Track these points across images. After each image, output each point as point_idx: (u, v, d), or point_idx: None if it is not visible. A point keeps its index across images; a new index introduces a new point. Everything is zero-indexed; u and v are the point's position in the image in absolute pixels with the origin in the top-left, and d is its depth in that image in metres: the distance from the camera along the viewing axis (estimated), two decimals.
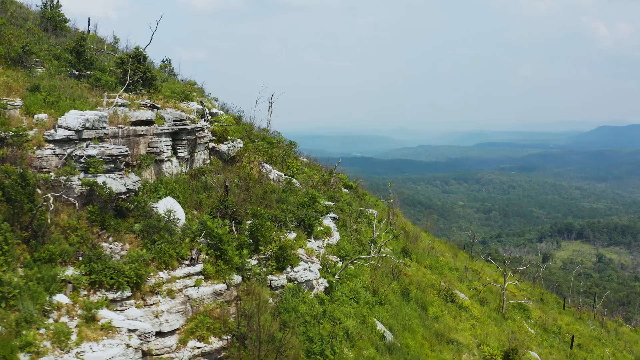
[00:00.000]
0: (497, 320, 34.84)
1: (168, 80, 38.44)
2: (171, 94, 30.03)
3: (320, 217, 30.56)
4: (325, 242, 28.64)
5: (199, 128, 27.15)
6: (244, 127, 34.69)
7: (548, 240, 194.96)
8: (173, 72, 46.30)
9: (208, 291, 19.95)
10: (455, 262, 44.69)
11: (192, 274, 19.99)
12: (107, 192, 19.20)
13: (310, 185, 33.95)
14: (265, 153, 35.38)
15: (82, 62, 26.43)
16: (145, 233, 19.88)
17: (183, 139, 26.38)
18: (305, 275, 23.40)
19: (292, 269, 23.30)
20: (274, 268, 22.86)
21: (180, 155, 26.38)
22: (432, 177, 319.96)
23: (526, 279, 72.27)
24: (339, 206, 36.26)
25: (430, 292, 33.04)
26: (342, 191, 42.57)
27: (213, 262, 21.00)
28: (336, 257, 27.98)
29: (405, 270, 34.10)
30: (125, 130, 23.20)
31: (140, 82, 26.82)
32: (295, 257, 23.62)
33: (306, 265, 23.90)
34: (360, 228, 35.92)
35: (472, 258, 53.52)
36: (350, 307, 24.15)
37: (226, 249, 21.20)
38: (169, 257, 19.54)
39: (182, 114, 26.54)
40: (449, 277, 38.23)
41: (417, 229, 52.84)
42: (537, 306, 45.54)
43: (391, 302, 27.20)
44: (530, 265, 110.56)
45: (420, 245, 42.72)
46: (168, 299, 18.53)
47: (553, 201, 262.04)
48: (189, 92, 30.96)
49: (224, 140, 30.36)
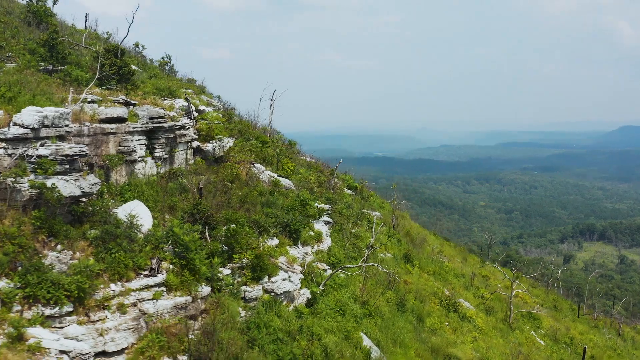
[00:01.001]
0: (503, 331, 32.18)
1: (159, 76, 36.50)
2: (155, 91, 28.05)
3: (312, 221, 28.29)
4: (314, 248, 26.34)
5: (178, 126, 25.03)
6: (236, 125, 32.50)
7: (570, 241, 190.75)
8: (173, 68, 44.45)
9: (168, 305, 17.79)
10: (463, 268, 42.04)
11: (151, 285, 17.85)
12: (56, 195, 17.15)
13: (305, 187, 31.69)
14: (259, 153, 33.23)
15: (55, 56, 24.48)
16: (100, 240, 17.80)
17: (160, 138, 24.28)
18: (283, 286, 21.11)
19: (269, 279, 21.05)
20: (249, 278, 20.65)
21: (157, 155, 24.29)
22: (453, 177, 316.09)
23: (543, 282, 69.39)
24: (337, 209, 33.94)
25: (431, 301, 30.55)
26: (344, 193, 40.24)
27: (178, 272, 18.83)
28: (325, 265, 25.67)
29: (405, 278, 31.67)
30: (92, 129, 21.19)
31: (116, 77, 24.76)
32: (274, 266, 21.36)
33: (286, 275, 21.62)
34: (359, 232, 33.56)
35: (483, 262, 50.58)
36: (333, 321, 21.78)
37: (193, 257, 19.04)
38: (124, 268, 17.41)
39: (160, 111, 24.45)
40: (454, 285, 35.67)
41: (426, 232, 50.29)
42: (550, 314, 42.67)
43: (383, 314, 24.75)
44: (551, 267, 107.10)
45: (425, 249, 40.17)
46: (118, 314, 16.41)
47: (575, 201, 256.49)
48: (175, 89, 28.88)
49: (210, 139, 28.24)
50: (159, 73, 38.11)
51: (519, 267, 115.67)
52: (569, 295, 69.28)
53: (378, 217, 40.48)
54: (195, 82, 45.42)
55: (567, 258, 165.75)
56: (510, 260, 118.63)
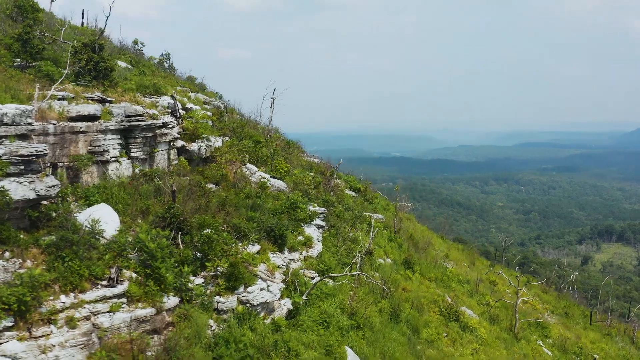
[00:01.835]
0: (508, 341, 30.05)
1: (154, 73, 35.01)
2: (139, 88, 26.51)
3: (303, 225, 26.51)
4: (302, 254, 24.54)
5: (156, 124, 23.37)
6: (227, 124, 30.79)
7: (588, 242, 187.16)
8: (172, 66, 43.04)
9: (127, 317, 16.09)
10: (469, 273, 39.92)
11: (109, 297, 16.18)
12: (5, 199, 15.57)
13: (299, 189, 29.90)
14: (252, 153, 31.54)
15: (28, 51, 23.00)
16: (54, 248, 16.19)
17: (136, 137, 22.65)
18: (260, 297, 19.33)
19: (245, 289, 19.28)
20: (223, 288, 18.92)
21: (134, 156, 22.66)
22: (471, 178, 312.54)
23: (559, 285, 66.85)
24: (335, 211, 32.08)
25: (430, 310, 28.56)
26: (345, 194, 38.38)
27: (142, 282, 17.17)
28: (314, 272, 23.83)
29: (404, 285, 29.72)
30: (59, 127, 19.63)
31: (92, 73, 23.19)
32: (250, 275, 19.59)
33: (264, 284, 19.83)
34: (356, 236, 31.68)
35: (492, 266, 48.29)
36: (314, 335, 19.91)
37: (158, 265, 17.35)
38: (78, 277, 15.77)
39: (139, 108, 22.82)
40: (457, 291, 33.59)
41: (433, 234, 48.18)
42: (560, 321, 40.37)
43: (373, 325, 22.81)
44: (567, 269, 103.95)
45: (430, 254, 38.10)
46: (66, 329, 14.75)
47: (594, 202, 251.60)
48: (160, 86, 27.27)
49: (196, 139, 26.60)
50: (154, 70, 36.67)
51: (534, 269, 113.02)
52: (585, 298, 66.71)
53: (380, 220, 38.58)
54: (195, 80, 44.03)
55: (585, 259, 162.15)
56: (526, 261, 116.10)
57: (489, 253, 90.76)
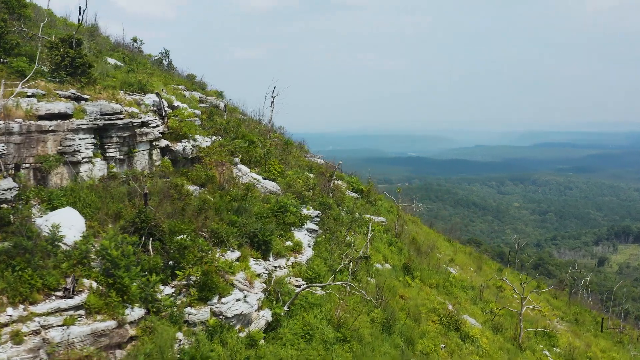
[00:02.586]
0: (512, 352, 28.17)
1: (147, 71, 33.68)
2: (122, 85, 25.14)
3: (293, 229, 24.95)
4: (290, 261, 22.96)
5: (135, 123, 21.93)
6: (217, 123, 29.30)
7: (604, 243, 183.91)
8: (171, 64, 41.78)
9: (84, 331, 14.64)
10: (475, 278, 38.03)
11: (64, 309, 14.76)
12: None
13: (291, 191, 28.35)
14: (245, 153, 30.06)
15: (2, 46, 21.69)
16: (5, 255, 14.82)
17: (112, 136, 21.23)
18: (236, 308, 17.79)
19: (219, 299, 17.77)
20: (195, 298, 17.42)
21: (110, 156, 21.25)
22: (487, 178, 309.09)
23: (573, 288, 64.79)
24: (332, 214, 30.48)
25: (429, 318, 26.81)
26: (346, 196, 36.75)
27: (104, 293, 15.75)
28: (301, 280, 22.24)
29: (402, 292, 28.03)
30: (25, 126, 18.26)
31: (69, 69, 21.82)
32: (225, 285, 18.06)
33: (241, 294, 18.29)
34: (353, 241, 30.04)
35: (501, 270, 46.28)
36: (293, 350, 18.30)
37: (121, 275, 15.91)
38: (29, 288, 14.38)
39: (116, 106, 21.39)
40: (460, 298, 31.77)
41: (439, 237, 46.37)
42: (569, 328, 38.35)
43: (362, 337, 21.11)
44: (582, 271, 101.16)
45: (433, 258, 36.32)
46: (10, 344, 13.33)
47: (611, 203, 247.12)
48: (145, 83, 25.85)
49: (182, 138, 25.15)
50: (149, 68, 35.38)
51: (549, 271, 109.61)
52: (601, 300, 64.37)
53: (382, 223, 36.91)
54: (195, 78, 42.79)
55: (601, 261, 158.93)
56: (541, 263, 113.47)
57: (503, 254, 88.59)
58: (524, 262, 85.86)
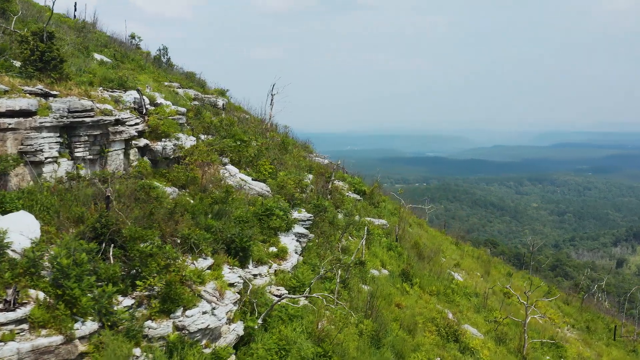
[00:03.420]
0: None
1: (139, 67, 32.29)
2: (102, 81, 23.68)
3: (279, 234, 23.24)
4: (272, 268, 21.24)
5: (106, 121, 20.38)
6: (203, 122, 27.68)
7: (623, 244, 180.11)
8: (169, 61, 40.45)
9: (23, 348, 13.04)
10: (481, 284, 35.97)
11: (3, 322, 13.21)
12: None
13: (281, 192, 26.65)
14: (237, 153, 28.44)
15: None
16: None
17: (81, 135, 19.71)
18: (201, 322, 16.11)
19: (184, 312, 16.12)
20: (156, 311, 15.80)
21: (79, 156, 19.73)
22: (505, 178, 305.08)
23: (590, 290, 62.29)
24: (327, 217, 28.70)
25: (426, 329, 24.92)
26: (345, 198, 34.95)
27: (51, 305, 14.18)
28: (283, 290, 20.50)
29: (399, 300, 26.17)
30: None
31: (38, 64, 20.36)
32: (191, 296, 16.41)
33: (208, 306, 16.61)
34: (349, 245, 28.27)
35: (510, 275, 44.07)
36: None
37: (71, 285, 14.34)
38: None
39: (86, 103, 19.88)
40: (462, 307, 29.81)
41: (447, 239, 44.35)
42: (580, 337, 36.13)
43: (345, 352, 19.29)
44: (600, 272, 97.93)
45: (437, 263, 34.35)
46: None
47: (630, 204, 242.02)
48: (126, 79, 24.35)
49: (163, 137, 23.59)
50: (142, 64, 34.00)
51: (566, 272, 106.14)
52: (618, 303, 61.79)
53: (383, 226, 35.05)
54: (195, 75, 41.50)
55: (619, 262, 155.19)
56: (559, 264, 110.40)
57: (520, 255, 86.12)
58: (541, 263, 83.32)
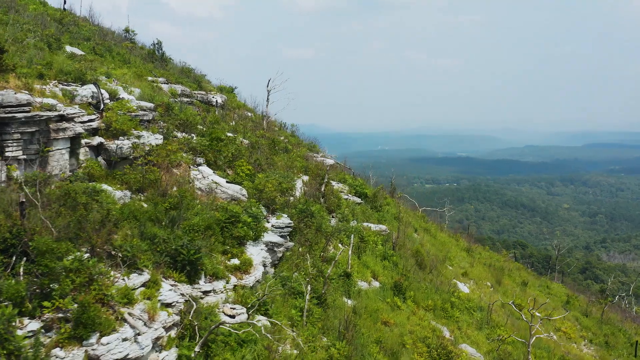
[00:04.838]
0: None
1: (126, 61, 30.05)
2: (57, 74, 21.29)
3: (247, 243, 20.49)
4: (230, 283, 18.44)
5: (44, 117, 17.87)
6: (172, 119, 25.06)
7: None
8: (164, 56, 38.28)
9: None
10: (490, 295, 32.54)
11: None
12: None
13: (259, 197, 23.88)
14: (217, 153, 25.81)
15: None
16: None
17: (13, 132, 17.25)
18: (119, 350, 13.42)
19: (100, 338, 13.46)
20: (66, 337, 13.18)
21: (11, 156, 17.28)
22: (537, 179, 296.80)
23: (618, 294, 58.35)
24: (313, 223, 25.81)
25: (415, 351, 21.81)
26: (343, 201, 32.03)
27: None
28: (240, 309, 17.69)
29: (387, 317, 23.11)
30: None
31: None
32: (110, 319, 13.73)
33: (131, 331, 13.92)
34: (335, 254, 25.33)
35: (525, 284, 40.36)
36: None
37: None
38: None
39: (23, 97, 17.42)
40: (462, 323, 26.59)
41: (455, 246, 40.90)
42: (598, 353, 32.44)
43: None
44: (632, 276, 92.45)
45: (440, 273, 31.14)
46: None
47: None
48: (84, 72, 21.89)
49: (121, 135, 21.05)
50: (127, 58, 31.77)
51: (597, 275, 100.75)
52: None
53: (383, 231, 32.01)
54: (192, 71, 39.36)
55: None
56: (589, 267, 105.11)
57: (550, 258, 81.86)
58: (570, 265, 78.78)
